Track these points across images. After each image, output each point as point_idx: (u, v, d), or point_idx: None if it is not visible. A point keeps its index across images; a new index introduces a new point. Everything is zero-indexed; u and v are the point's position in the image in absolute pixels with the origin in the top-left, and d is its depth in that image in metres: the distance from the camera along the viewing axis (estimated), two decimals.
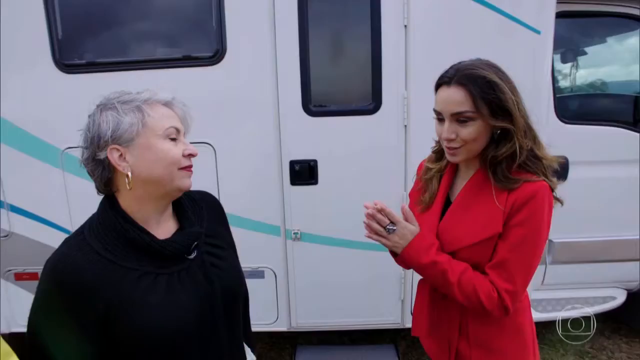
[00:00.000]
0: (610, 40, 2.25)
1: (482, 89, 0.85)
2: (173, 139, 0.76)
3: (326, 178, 1.86)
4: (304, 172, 1.84)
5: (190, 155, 0.78)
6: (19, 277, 1.97)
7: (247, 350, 0.91)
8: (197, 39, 1.78)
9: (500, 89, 0.85)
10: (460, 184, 1.00)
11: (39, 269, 0.72)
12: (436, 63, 0.97)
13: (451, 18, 1.72)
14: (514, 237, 0.88)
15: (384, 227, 0.93)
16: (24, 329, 0.65)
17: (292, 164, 1.84)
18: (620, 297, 2.20)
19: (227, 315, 0.82)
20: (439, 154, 1.05)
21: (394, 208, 0.92)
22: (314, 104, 1.80)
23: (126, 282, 0.71)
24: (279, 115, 1.80)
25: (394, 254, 1.00)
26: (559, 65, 2.22)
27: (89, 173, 0.76)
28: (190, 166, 0.78)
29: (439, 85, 0.92)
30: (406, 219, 0.95)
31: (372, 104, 1.79)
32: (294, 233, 1.91)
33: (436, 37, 1.74)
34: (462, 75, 0.87)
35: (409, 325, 2.04)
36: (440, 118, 0.92)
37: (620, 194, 2.02)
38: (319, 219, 1.90)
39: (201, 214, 0.87)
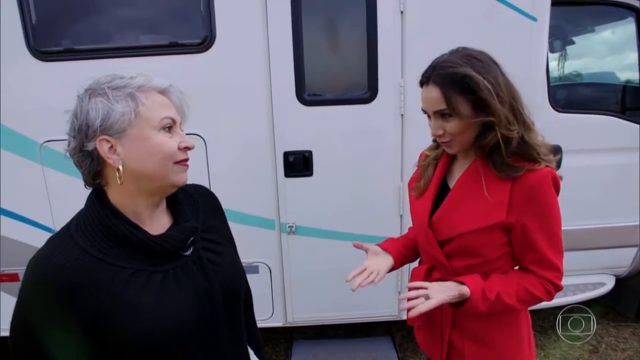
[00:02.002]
0: (604, 29, 2.26)
1: (455, 88, 0.85)
2: (168, 131, 0.70)
3: (321, 169, 1.81)
4: (298, 163, 1.79)
5: (187, 149, 0.72)
6: None
7: (251, 353, 0.86)
8: (185, 24, 1.69)
9: (475, 82, 0.82)
10: (459, 171, 1.00)
11: (19, 269, 0.66)
12: (433, 50, 0.95)
13: (448, 3, 1.69)
14: (537, 227, 0.88)
15: None
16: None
17: (286, 155, 1.78)
18: (610, 283, 2.25)
19: (228, 314, 0.77)
20: (437, 142, 1.05)
21: (391, 197, 0.87)
22: (308, 93, 1.75)
23: (117, 282, 0.66)
24: (272, 105, 1.73)
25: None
26: (552, 54, 2.22)
27: (75, 164, 0.70)
28: (187, 160, 0.73)
29: (420, 83, 0.92)
30: None
31: (367, 92, 1.75)
32: (289, 226, 1.86)
33: (433, 23, 1.70)
34: (436, 75, 0.87)
35: (405, 317, 2.03)
36: (428, 115, 0.93)
37: (609, 181, 2.05)
38: (315, 212, 1.86)
39: (197, 207, 0.82)
